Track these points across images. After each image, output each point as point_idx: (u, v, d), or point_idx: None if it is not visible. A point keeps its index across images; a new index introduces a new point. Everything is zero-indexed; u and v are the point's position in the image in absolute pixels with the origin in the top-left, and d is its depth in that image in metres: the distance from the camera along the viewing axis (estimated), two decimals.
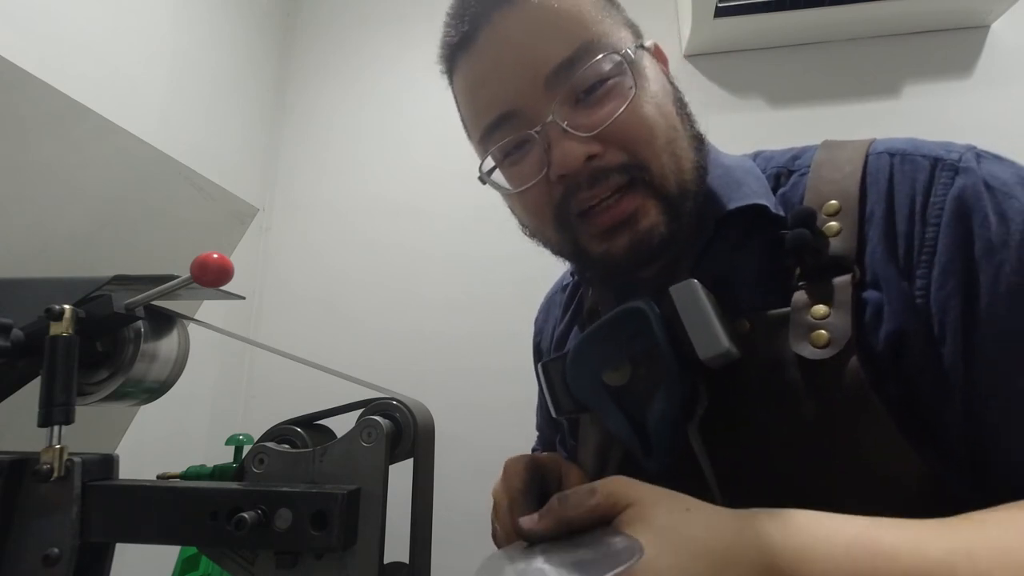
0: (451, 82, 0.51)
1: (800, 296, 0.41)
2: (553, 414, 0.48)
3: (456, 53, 0.48)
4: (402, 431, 0.37)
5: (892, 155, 0.43)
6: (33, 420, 0.35)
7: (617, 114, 0.43)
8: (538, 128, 0.44)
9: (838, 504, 0.33)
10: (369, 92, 1.54)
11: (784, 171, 0.48)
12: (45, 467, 0.35)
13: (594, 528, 0.35)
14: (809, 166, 0.46)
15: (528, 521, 0.37)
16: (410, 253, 1.42)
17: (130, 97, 1.02)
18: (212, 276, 0.37)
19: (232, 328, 0.46)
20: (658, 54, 0.51)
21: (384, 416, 0.37)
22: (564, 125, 0.43)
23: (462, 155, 1.47)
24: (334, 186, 1.51)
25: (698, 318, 0.39)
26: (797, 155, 0.49)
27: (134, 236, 1.02)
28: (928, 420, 0.38)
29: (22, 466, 0.36)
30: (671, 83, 0.50)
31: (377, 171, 1.49)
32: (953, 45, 1.21)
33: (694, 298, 0.39)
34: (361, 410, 0.38)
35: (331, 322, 1.43)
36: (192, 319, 0.47)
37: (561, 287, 0.68)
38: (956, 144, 0.42)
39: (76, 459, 0.35)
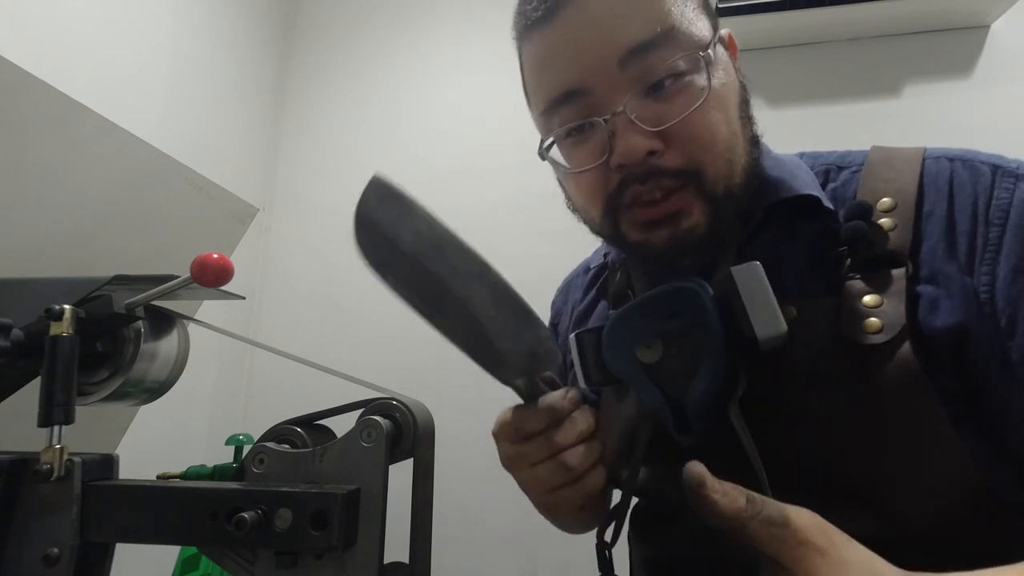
0: (520, 48, 0.50)
1: (853, 285, 0.42)
2: (582, 385, 0.49)
3: (535, 24, 0.47)
4: (402, 431, 0.37)
5: (951, 160, 0.45)
6: (33, 420, 0.35)
7: (685, 115, 0.43)
8: (606, 116, 0.44)
9: (880, 492, 0.33)
10: (369, 92, 1.53)
11: (833, 167, 0.49)
12: (45, 467, 0.34)
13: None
14: (861, 164, 0.48)
15: (715, 486, 0.32)
16: None
17: (130, 97, 1.02)
18: (212, 276, 0.37)
19: (232, 328, 0.46)
20: (731, 44, 0.51)
21: (384, 416, 0.37)
22: (633, 117, 0.43)
23: (462, 154, 1.47)
24: (334, 186, 1.51)
25: (761, 299, 0.39)
26: (846, 154, 0.50)
27: (134, 236, 1.02)
28: (988, 415, 0.39)
29: (22, 466, 0.35)
30: (740, 80, 0.49)
31: (377, 171, 1.48)
32: (953, 45, 1.21)
33: (758, 279, 0.40)
34: (361, 410, 0.38)
35: (331, 322, 1.43)
36: (192, 319, 0.47)
37: (583, 270, 0.68)
38: (1008, 157, 0.45)
39: (76, 459, 0.35)
